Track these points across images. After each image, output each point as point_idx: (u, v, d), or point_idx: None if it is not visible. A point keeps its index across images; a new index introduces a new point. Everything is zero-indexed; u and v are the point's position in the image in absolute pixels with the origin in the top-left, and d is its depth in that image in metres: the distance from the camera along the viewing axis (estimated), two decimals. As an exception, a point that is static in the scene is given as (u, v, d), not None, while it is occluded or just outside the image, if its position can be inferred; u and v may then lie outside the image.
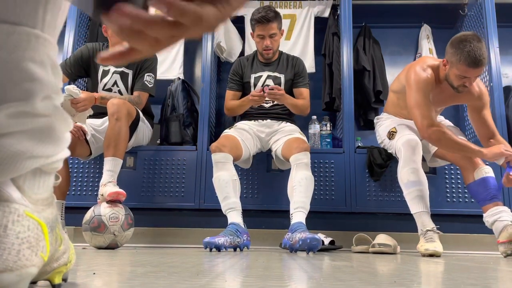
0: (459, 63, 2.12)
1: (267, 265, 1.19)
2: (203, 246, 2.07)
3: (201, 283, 0.73)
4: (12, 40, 0.48)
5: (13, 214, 0.48)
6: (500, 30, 3.04)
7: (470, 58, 2.08)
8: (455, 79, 2.18)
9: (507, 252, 2.09)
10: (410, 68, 2.34)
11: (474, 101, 2.33)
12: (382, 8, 3.59)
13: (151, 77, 2.72)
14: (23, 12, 0.49)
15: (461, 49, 2.10)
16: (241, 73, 2.76)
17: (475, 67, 2.10)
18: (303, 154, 2.33)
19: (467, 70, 2.11)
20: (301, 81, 2.72)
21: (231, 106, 2.71)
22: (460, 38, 2.15)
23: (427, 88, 2.25)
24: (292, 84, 2.72)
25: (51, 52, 0.54)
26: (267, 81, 2.70)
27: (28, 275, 0.47)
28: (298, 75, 2.72)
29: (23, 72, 0.49)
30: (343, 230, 2.72)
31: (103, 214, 2.15)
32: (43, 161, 0.52)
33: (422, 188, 2.21)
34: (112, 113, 2.33)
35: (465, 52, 2.08)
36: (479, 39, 2.12)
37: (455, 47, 2.14)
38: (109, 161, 2.29)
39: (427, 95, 2.24)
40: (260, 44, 2.65)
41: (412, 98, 2.26)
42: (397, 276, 1.00)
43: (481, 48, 2.08)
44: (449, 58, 2.18)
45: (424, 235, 2.15)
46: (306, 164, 2.32)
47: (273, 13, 2.60)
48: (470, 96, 2.32)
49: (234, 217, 2.22)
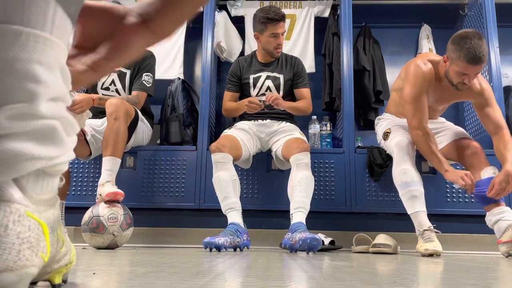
0: (459, 59, 2.12)
1: (267, 265, 1.19)
2: (203, 246, 2.07)
3: (201, 283, 0.73)
4: (19, 42, 0.49)
5: (14, 214, 0.48)
6: (500, 30, 3.04)
7: (470, 55, 2.07)
8: (455, 76, 2.18)
9: (510, 252, 2.08)
10: (411, 61, 2.36)
11: (475, 98, 2.33)
12: (382, 8, 3.59)
13: (150, 76, 2.73)
14: (32, 14, 0.49)
15: (461, 46, 2.10)
16: (240, 74, 2.76)
17: (475, 64, 2.09)
18: (303, 154, 2.33)
19: (467, 67, 2.11)
20: (301, 81, 2.72)
21: (229, 107, 2.73)
22: (461, 35, 2.16)
23: (424, 82, 2.26)
24: (292, 84, 2.72)
25: (59, 55, 0.54)
26: (266, 82, 2.70)
27: (28, 275, 0.47)
28: (298, 75, 2.72)
29: (28, 74, 0.49)
30: (343, 230, 2.72)
31: (102, 214, 2.15)
32: (45, 163, 0.52)
33: (416, 188, 2.21)
34: (110, 113, 2.34)
35: (465, 48, 2.08)
36: (480, 36, 2.12)
37: (455, 44, 2.14)
38: (107, 161, 2.29)
39: (423, 90, 2.25)
40: (272, 43, 2.62)
41: (408, 92, 2.29)
42: (397, 276, 1.00)
43: (481, 46, 2.08)
44: (449, 54, 2.19)
45: (422, 235, 2.15)
46: (306, 164, 2.33)
47: (282, 12, 2.61)
48: (471, 93, 2.32)
49: (234, 217, 2.22)
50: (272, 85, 2.69)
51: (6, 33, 0.48)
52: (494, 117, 2.33)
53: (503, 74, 3.24)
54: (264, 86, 2.71)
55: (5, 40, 0.48)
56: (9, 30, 0.48)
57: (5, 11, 0.48)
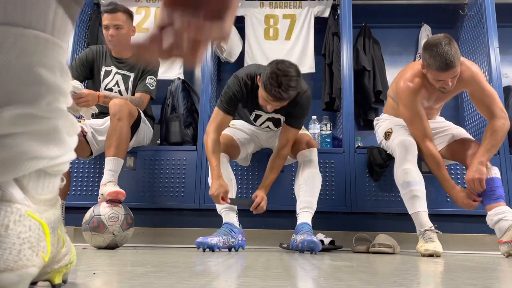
0: (429, 68, 2.14)
1: (267, 265, 1.19)
2: (196, 246, 2.05)
3: (201, 283, 0.73)
4: (21, 43, 0.49)
5: (14, 214, 0.48)
6: (500, 30, 3.04)
7: (438, 63, 2.08)
8: (433, 82, 2.20)
9: (510, 252, 2.08)
10: (400, 80, 2.35)
11: (468, 86, 2.31)
12: (382, 8, 3.59)
13: (153, 80, 2.75)
14: (33, 16, 0.50)
15: (429, 54, 2.11)
16: (241, 102, 2.34)
17: (445, 70, 2.09)
18: (310, 151, 2.32)
19: (438, 74, 2.13)
20: (294, 122, 2.32)
21: (212, 139, 2.22)
22: (429, 42, 2.15)
23: (417, 100, 2.29)
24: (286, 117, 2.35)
25: (60, 56, 0.54)
26: (266, 123, 2.44)
27: (28, 275, 0.47)
28: (296, 114, 2.31)
29: (30, 75, 0.50)
30: (343, 230, 2.72)
31: (103, 214, 2.15)
32: (46, 162, 0.52)
33: (418, 188, 2.22)
34: (114, 113, 2.35)
35: (433, 57, 2.09)
36: (449, 40, 2.10)
37: (425, 52, 2.15)
38: (110, 161, 2.30)
39: (418, 107, 2.29)
40: (265, 106, 2.19)
41: (404, 113, 2.36)
42: (397, 276, 1.00)
43: (449, 51, 2.06)
44: (423, 62, 2.20)
45: (423, 235, 2.15)
46: (313, 161, 2.31)
47: (289, 93, 2.07)
48: (462, 82, 2.27)
49: (229, 217, 2.21)
50: (273, 127, 2.49)
51: (8, 35, 0.48)
52: (488, 102, 2.30)
53: (503, 74, 3.23)
54: (264, 124, 2.48)
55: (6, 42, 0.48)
56: (10, 31, 0.49)
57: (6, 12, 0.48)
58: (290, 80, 2.02)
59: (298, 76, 2.07)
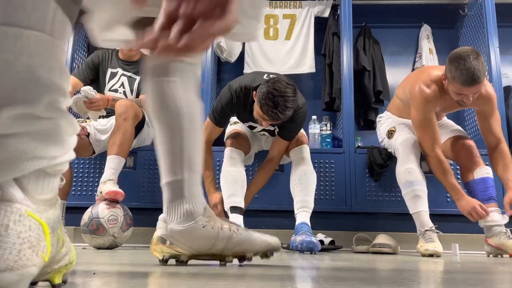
0: (454, 80, 2.05)
1: (267, 265, 1.19)
2: None
3: (201, 283, 0.73)
4: (20, 44, 0.49)
5: (14, 214, 0.48)
6: (500, 30, 3.04)
7: (464, 77, 2.00)
8: (453, 94, 2.13)
9: (493, 255, 2.14)
10: (415, 83, 2.27)
11: (481, 105, 2.27)
12: (382, 8, 3.59)
13: None
14: (33, 16, 0.50)
15: (455, 67, 2.03)
16: (234, 115, 2.38)
17: (470, 86, 2.03)
18: (300, 148, 2.31)
19: (462, 89, 2.05)
20: (287, 135, 2.32)
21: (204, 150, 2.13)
22: (456, 54, 2.08)
23: (431, 106, 2.22)
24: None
25: (59, 56, 0.54)
26: (262, 132, 2.46)
27: (28, 275, 0.47)
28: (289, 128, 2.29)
29: (29, 75, 0.50)
30: (343, 230, 2.72)
31: (102, 216, 2.13)
32: (46, 162, 0.52)
33: (420, 187, 2.21)
34: (120, 113, 2.38)
35: (459, 70, 2.01)
36: (476, 55, 2.04)
37: (451, 64, 2.07)
38: (112, 159, 2.30)
39: (431, 114, 2.23)
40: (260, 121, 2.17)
41: (415, 117, 2.27)
42: (397, 276, 1.00)
43: (476, 66, 2.00)
44: (446, 73, 2.12)
45: (423, 235, 2.15)
46: (305, 158, 2.30)
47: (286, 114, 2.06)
48: (479, 101, 2.24)
49: (235, 218, 2.22)
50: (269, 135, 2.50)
51: (7, 35, 0.49)
52: (496, 128, 2.30)
53: (503, 74, 3.24)
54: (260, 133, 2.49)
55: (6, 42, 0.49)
56: (10, 31, 0.49)
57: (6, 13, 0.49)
58: (287, 101, 2.00)
59: (294, 95, 2.05)
